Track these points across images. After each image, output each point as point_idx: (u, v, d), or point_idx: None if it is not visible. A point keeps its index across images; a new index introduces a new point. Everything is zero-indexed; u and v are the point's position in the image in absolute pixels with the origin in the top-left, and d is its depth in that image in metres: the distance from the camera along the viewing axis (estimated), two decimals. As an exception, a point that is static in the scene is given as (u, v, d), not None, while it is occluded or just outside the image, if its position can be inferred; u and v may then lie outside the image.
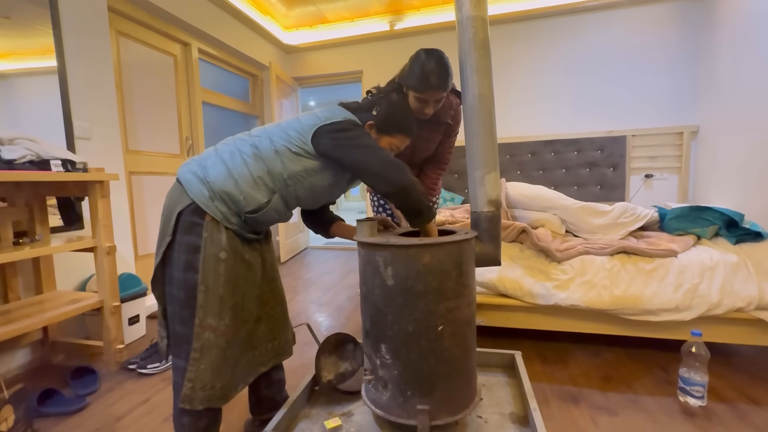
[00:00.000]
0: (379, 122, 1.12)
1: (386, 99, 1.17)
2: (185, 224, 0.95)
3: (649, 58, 3.16)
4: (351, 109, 1.14)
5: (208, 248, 0.94)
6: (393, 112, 1.14)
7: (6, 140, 1.41)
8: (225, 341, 0.97)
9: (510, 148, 3.45)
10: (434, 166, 1.64)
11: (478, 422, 1.14)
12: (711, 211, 1.76)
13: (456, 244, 1.00)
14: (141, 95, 2.55)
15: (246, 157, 0.99)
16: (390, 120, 1.13)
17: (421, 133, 1.54)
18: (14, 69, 1.74)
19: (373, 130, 1.13)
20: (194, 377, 0.95)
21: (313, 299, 2.69)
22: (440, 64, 1.33)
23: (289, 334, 1.25)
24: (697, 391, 1.32)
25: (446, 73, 1.34)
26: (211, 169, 0.97)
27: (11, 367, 1.68)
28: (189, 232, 0.95)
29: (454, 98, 1.53)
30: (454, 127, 1.58)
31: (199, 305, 0.94)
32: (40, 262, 1.72)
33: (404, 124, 1.15)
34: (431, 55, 1.33)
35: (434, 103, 1.39)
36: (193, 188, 0.95)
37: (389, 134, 1.13)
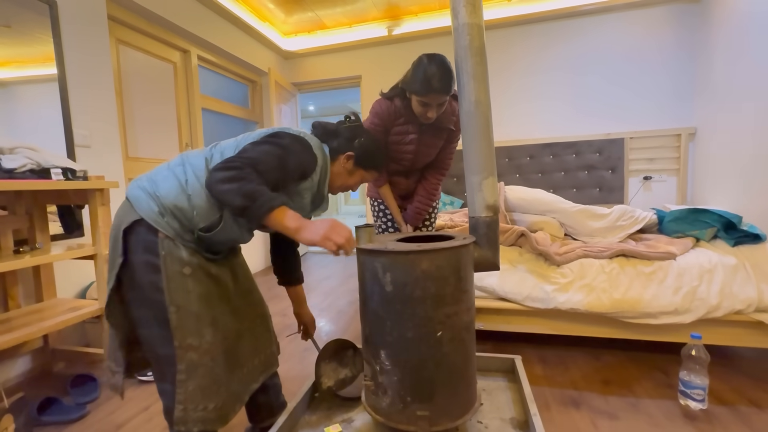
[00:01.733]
0: (360, 156, 1.11)
1: (369, 135, 1.15)
2: (138, 243, 0.89)
3: (646, 61, 3.18)
4: (327, 132, 1.12)
5: (169, 266, 0.89)
6: (374, 149, 1.14)
7: (6, 149, 1.41)
8: (210, 359, 0.93)
9: (509, 152, 3.47)
10: (435, 171, 1.65)
11: (478, 427, 1.13)
12: (709, 213, 1.76)
13: (454, 249, 1.00)
14: (141, 102, 2.56)
15: (198, 171, 0.93)
16: (370, 156, 1.13)
17: (424, 138, 1.55)
18: (14, 77, 1.75)
19: (351, 161, 1.12)
20: (184, 399, 0.90)
21: (314, 304, 2.69)
22: (442, 68, 1.34)
23: (274, 346, 1.23)
24: (698, 394, 1.32)
25: (448, 77, 1.35)
26: (162, 183, 0.91)
27: (11, 375, 1.67)
28: (144, 252, 0.89)
29: (456, 104, 1.54)
30: (457, 133, 1.59)
31: (174, 327, 0.89)
32: (40, 270, 1.72)
33: (380, 163, 1.17)
34: (433, 60, 1.35)
35: (437, 106, 1.41)
36: (141, 204, 0.90)
37: (365, 168, 1.14)
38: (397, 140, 1.57)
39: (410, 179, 1.69)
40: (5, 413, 1.13)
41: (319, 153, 1.04)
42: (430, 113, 1.42)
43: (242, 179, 0.83)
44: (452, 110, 1.52)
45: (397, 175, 1.69)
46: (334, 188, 1.16)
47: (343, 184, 1.15)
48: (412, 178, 1.69)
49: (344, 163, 1.11)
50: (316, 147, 1.04)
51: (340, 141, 1.11)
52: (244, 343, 1.10)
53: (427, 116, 1.43)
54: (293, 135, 1.00)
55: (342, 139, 1.11)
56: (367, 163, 1.14)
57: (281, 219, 0.84)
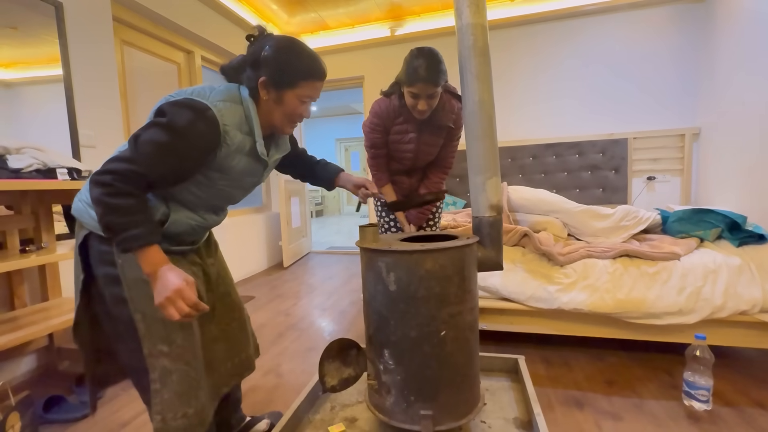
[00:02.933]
0: (274, 75, 0.87)
1: (268, 44, 0.89)
2: (95, 257, 0.85)
3: (650, 61, 3.17)
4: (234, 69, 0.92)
5: (128, 274, 0.83)
6: (284, 57, 0.88)
7: (13, 149, 1.43)
8: (184, 363, 0.87)
9: (512, 152, 3.46)
10: (437, 170, 1.66)
11: (481, 427, 1.13)
12: (713, 213, 1.76)
13: (458, 249, 1.01)
14: (145, 103, 2.57)
15: None
16: (285, 67, 0.87)
17: (423, 137, 1.55)
18: (20, 78, 1.76)
19: (270, 87, 0.89)
20: (161, 408, 0.85)
21: (317, 304, 2.70)
22: (428, 59, 1.36)
23: (251, 348, 1.18)
24: (702, 395, 1.31)
25: (435, 68, 1.36)
26: None
27: (17, 373, 1.69)
28: (102, 264, 0.85)
29: (456, 102, 1.54)
30: (456, 131, 1.59)
31: (142, 335, 0.84)
32: (46, 270, 1.73)
33: (305, 67, 0.89)
34: (421, 51, 1.38)
35: (426, 98, 1.40)
36: (84, 217, 0.85)
37: (292, 86, 0.89)
38: (396, 139, 1.57)
39: (413, 178, 1.69)
40: (12, 411, 1.14)
41: (228, 108, 0.86)
42: (421, 105, 1.42)
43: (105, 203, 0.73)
44: (451, 108, 1.52)
45: (399, 174, 1.69)
46: (280, 128, 0.96)
47: (284, 117, 0.93)
48: (415, 177, 1.69)
49: (266, 95, 0.89)
50: (223, 101, 0.86)
51: (247, 72, 0.89)
52: (218, 347, 1.06)
53: (418, 109, 1.43)
54: (180, 103, 0.82)
55: (248, 69, 0.89)
56: (287, 77, 0.88)
57: (140, 261, 0.75)
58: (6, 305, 1.63)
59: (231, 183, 0.94)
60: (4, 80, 1.71)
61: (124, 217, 0.73)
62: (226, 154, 0.87)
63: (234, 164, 0.90)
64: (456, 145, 1.63)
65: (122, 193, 0.73)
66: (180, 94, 0.86)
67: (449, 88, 1.53)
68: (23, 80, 1.77)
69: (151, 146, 0.77)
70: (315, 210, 8.85)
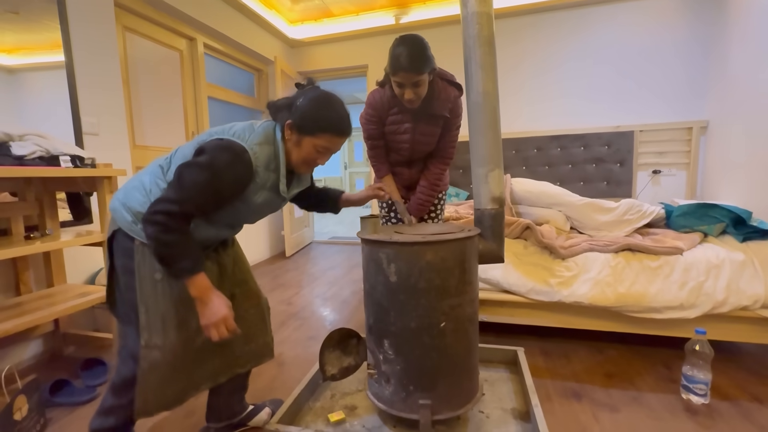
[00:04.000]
0: (298, 120, 0.98)
1: (307, 93, 1.01)
2: (118, 249, 0.97)
3: (659, 52, 3.11)
4: (277, 108, 1.04)
5: (142, 270, 0.94)
6: (313, 107, 0.98)
7: (16, 136, 1.43)
8: (173, 356, 0.97)
9: (515, 144, 3.43)
10: (437, 160, 1.61)
11: (479, 417, 1.15)
12: (718, 208, 1.74)
13: (459, 241, 1.00)
14: (147, 90, 2.56)
15: (158, 179, 0.96)
16: (309, 116, 0.98)
17: (419, 127, 1.53)
18: (22, 64, 1.75)
19: (294, 130, 0.99)
20: (144, 391, 0.94)
21: (318, 293, 2.72)
22: (412, 47, 1.33)
23: (269, 337, 1.23)
24: (700, 389, 1.32)
25: (417, 56, 1.33)
26: (131, 193, 0.97)
27: (24, 357, 1.72)
28: (123, 256, 0.96)
29: (452, 90, 1.49)
30: (454, 121, 1.54)
31: (142, 326, 0.94)
32: (50, 256, 1.75)
33: (328, 120, 0.99)
34: (404, 39, 1.35)
35: (412, 87, 1.38)
36: (117, 215, 0.96)
37: (311, 134, 0.98)
38: (392, 130, 1.56)
39: (413, 169, 1.66)
40: (19, 394, 1.16)
41: (262, 150, 0.97)
42: (407, 94, 1.40)
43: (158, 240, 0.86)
44: (447, 96, 1.48)
45: (399, 165, 1.67)
46: (296, 167, 1.04)
47: (300, 159, 1.02)
48: (415, 168, 1.66)
49: (289, 136, 1.00)
50: (259, 144, 0.96)
51: (283, 113, 1.01)
52: None
53: (405, 99, 1.41)
54: (222, 146, 0.92)
55: (284, 110, 1.01)
56: (310, 127, 0.98)
57: (189, 286, 0.89)
58: (12, 291, 1.65)
59: (251, 211, 1.05)
60: (7, 66, 1.70)
61: (175, 251, 0.87)
62: (253, 189, 0.98)
63: (256, 198, 1.00)
64: (456, 135, 1.59)
65: (172, 230, 0.86)
66: (223, 132, 0.97)
67: (446, 76, 1.49)
68: (26, 66, 1.77)
69: (195, 188, 0.89)
70: (318, 200, 8.84)
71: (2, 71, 1.68)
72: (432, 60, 1.38)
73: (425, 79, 1.38)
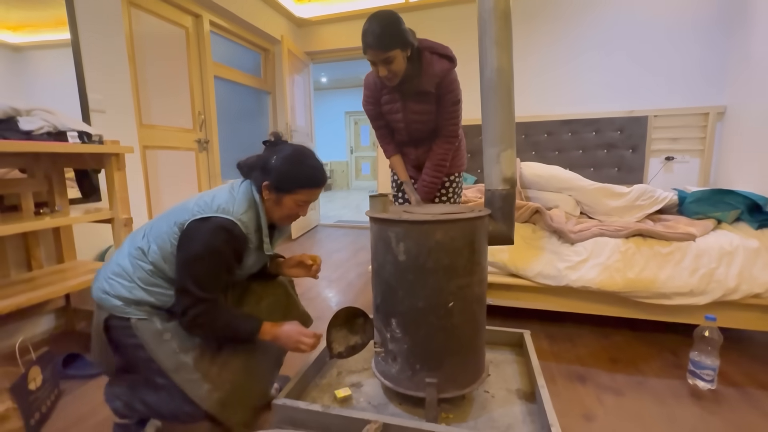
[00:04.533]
0: (275, 181, 1.00)
1: (279, 152, 1.03)
2: (117, 332, 0.97)
3: (677, 34, 3.00)
4: (249, 167, 1.06)
5: (150, 342, 0.95)
6: (288, 165, 1.01)
7: (24, 111, 1.42)
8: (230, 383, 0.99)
9: (525, 128, 3.37)
10: (440, 140, 1.55)
11: (485, 396, 1.16)
12: (734, 194, 1.70)
13: (469, 221, 0.99)
14: (153, 68, 2.53)
15: (140, 261, 0.97)
16: (286, 175, 1.00)
17: (409, 105, 1.50)
18: (29, 42, 1.73)
19: (272, 191, 1.01)
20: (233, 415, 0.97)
21: (324, 275, 2.73)
22: (378, 23, 1.31)
23: (300, 307, 1.28)
24: (707, 375, 1.31)
25: (383, 32, 1.30)
26: (113, 283, 0.96)
27: (37, 332, 1.76)
28: (124, 336, 0.96)
29: (441, 64, 1.42)
30: (447, 96, 1.46)
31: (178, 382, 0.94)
32: (60, 233, 1.77)
33: (305, 176, 1.02)
34: (373, 16, 1.33)
35: (383, 64, 1.35)
36: (106, 304, 0.96)
37: (290, 192, 1.01)
38: (387, 110, 1.56)
39: (419, 149, 1.62)
40: (33, 365, 1.18)
41: (248, 216, 0.99)
42: (381, 72, 1.38)
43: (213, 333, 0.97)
44: (434, 71, 1.41)
45: (405, 145, 1.64)
46: (279, 222, 1.09)
47: (282, 216, 1.06)
48: (422, 148, 1.61)
49: (268, 196, 1.03)
50: (245, 213, 0.99)
51: (256, 173, 1.04)
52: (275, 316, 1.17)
53: (380, 76, 1.40)
54: (213, 228, 0.93)
55: (257, 170, 1.04)
56: (287, 185, 1.00)
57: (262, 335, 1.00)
58: (23, 266, 1.68)
59: (243, 273, 1.09)
60: (13, 44, 1.68)
61: (229, 330, 0.98)
62: (246, 255, 1.03)
63: (248, 260, 1.04)
64: (454, 111, 1.49)
65: (215, 320, 0.95)
66: (205, 209, 0.97)
67: (436, 49, 1.43)
68: (31, 44, 1.74)
69: (208, 277, 0.94)
70: (323, 184, 8.83)
71: (8, 49, 1.66)
72: (403, 35, 1.33)
73: (396, 56, 1.34)
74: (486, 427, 1.02)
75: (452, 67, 1.44)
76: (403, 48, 1.34)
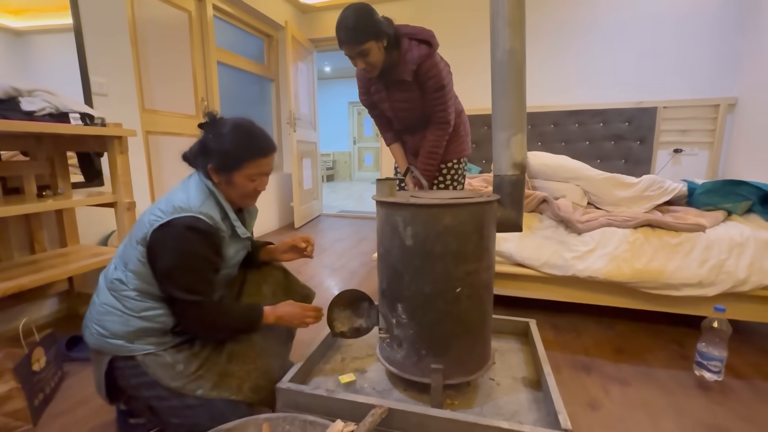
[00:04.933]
0: (218, 160, 0.93)
1: (214, 130, 0.95)
2: (125, 373, 0.92)
3: (688, 24, 2.93)
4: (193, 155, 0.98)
5: (163, 378, 0.90)
6: (226, 141, 0.93)
7: (25, 92, 1.40)
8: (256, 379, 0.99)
9: (531, 118, 3.32)
10: (432, 127, 1.53)
11: (490, 384, 1.15)
12: (746, 185, 1.67)
13: (478, 206, 0.97)
14: (156, 53, 2.50)
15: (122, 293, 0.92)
16: (227, 152, 0.93)
17: (393, 95, 1.50)
18: (31, 26, 1.71)
19: (219, 172, 0.94)
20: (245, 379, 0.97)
21: (327, 264, 2.73)
22: (348, 18, 1.30)
23: (299, 283, 1.29)
24: (714, 366, 1.30)
25: (353, 26, 1.30)
26: (105, 322, 0.91)
27: (40, 315, 1.76)
28: (133, 377, 0.92)
29: (419, 50, 1.38)
30: (428, 83, 1.42)
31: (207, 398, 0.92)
32: (63, 217, 1.76)
33: (246, 147, 0.94)
34: (342, 11, 1.32)
35: (359, 57, 1.35)
36: (106, 348, 0.91)
37: (236, 169, 0.94)
38: (377, 100, 1.57)
39: (416, 136, 1.62)
40: (36, 346, 1.18)
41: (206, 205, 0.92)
42: (359, 65, 1.38)
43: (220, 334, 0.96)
44: (411, 58, 1.37)
45: (403, 133, 1.66)
46: (240, 203, 1.01)
47: (239, 196, 0.98)
48: (418, 136, 1.61)
49: (218, 179, 0.95)
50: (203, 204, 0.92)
51: (199, 159, 0.97)
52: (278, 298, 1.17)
53: (359, 69, 1.40)
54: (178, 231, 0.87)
55: (199, 156, 0.96)
56: (230, 162, 0.93)
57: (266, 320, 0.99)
58: (27, 249, 1.67)
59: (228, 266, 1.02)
60: (15, 28, 1.65)
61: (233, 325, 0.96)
62: (225, 245, 0.97)
63: (228, 250, 0.99)
64: (439, 97, 1.45)
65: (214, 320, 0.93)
66: (162, 215, 0.89)
67: (415, 35, 1.39)
68: (33, 29, 1.72)
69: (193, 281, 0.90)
70: (326, 174, 8.80)
71: (9, 34, 1.64)
72: (376, 25, 1.31)
73: (371, 47, 1.33)
74: (492, 414, 1.01)
75: (431, 53, 1.39)
76: (377, 38, 1.33)
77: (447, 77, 1.45)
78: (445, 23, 3.36)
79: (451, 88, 1.50)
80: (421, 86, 1.44)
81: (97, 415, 1.16)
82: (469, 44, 3.37)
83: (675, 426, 1.11)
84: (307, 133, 4.03)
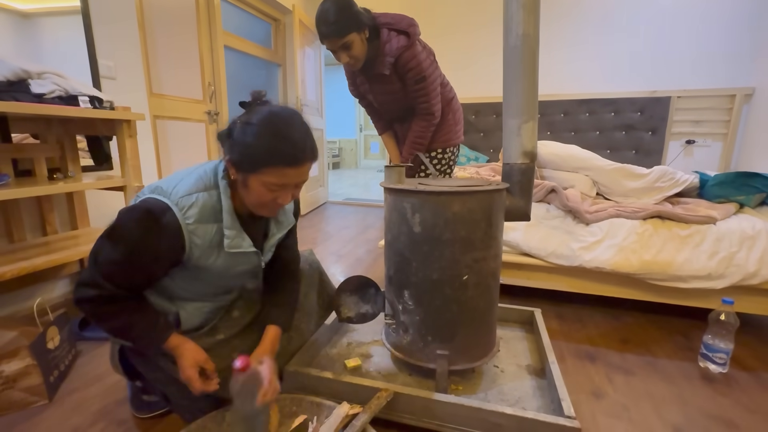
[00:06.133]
0: (236, 155, 0.77)
1: (241, 121, 0.77)
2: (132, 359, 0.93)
3: (704, 11, 2.84)
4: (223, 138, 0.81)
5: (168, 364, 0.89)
6: (249, 136, 0.75)
7: (35, 74, 1.40)
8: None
9: (541, 107, 3.27)
10: (417, 117, 1.52)
11: (494, 371, 1.16)
12: (760, 177, 1.64)
13: (487, 193, 0.97)
14: (163, 36, 2.48)
15: None
16: (246, 149, 0.75)
17: (374, 87, 1.52)
18: (38, 9, 1.70)
19: (236, 169, 0.79)
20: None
21: (333, 251, 2.74)
22: (326, 12, 1.29)
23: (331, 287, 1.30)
24: (720, 358, 1.30)
25: (334, 19, 1.28)
26: None
27: (53, 296, 1.79)
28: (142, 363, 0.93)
29: (397, 41, 1.36)
30: (408, 75, 1.40)
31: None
32: (74, 199, 1.78)
33: (270, 150, 0.75)
34: (320, 5, 1.32)
35: (342, 50, 1.35)
36: None
37: (254, 172, 0.76)
38: (363, 91, 1.59)
39: (404, 126, 1.64)
40: (51, 325, 1.21)
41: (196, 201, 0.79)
42: (342, 59, 1.37)
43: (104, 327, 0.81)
44: (389, 50, 1.36)
45: (394, 122, 1.69)
46: (253, 210, 0.85)
47: (254, 203, 0.82)
48: (406, 125, 1.63)
49: (234, 175, 0.80)
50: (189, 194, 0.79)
51: (226, 144, 0.80)
52: None
53: (343, 63, 1.40)
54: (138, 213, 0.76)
55: (226, 140, 0.80)
56: (249, 161, 0.76)
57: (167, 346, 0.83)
58: (38, 231, 1.70)
59: (219, 277, 0.88)
60: (22, 11, 1.64)
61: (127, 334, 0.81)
62: (198, 255, 0.81)
63: (211, 263, 0.84)
64: (420, 89, 1.43)
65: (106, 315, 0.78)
66: (149, 187, 0.82)
67: (394, 25, 1.36)
68: (41, 11, 1.71)
69: (111, 266, 0.76)
70: (332, 162, 8.79)
71: (17, 16, 1.63)
72: (357, 17, 1.29)
73: (354, 39, 1.31)
74: (496, 400, 1.02)
75: (410, 44, 1.36)
76: (359, 30, 1.32)
77: (429, 68, 1.42)
78: (455, 5, 3.29)
79: (435, 78, 1.46)
80: (401, 78, 1.43)
81: (111, 393, 1.19)
82: (478, 28, 3.30)
83: (679, 415, 1.12)
84: (314, 119, 4.01)
